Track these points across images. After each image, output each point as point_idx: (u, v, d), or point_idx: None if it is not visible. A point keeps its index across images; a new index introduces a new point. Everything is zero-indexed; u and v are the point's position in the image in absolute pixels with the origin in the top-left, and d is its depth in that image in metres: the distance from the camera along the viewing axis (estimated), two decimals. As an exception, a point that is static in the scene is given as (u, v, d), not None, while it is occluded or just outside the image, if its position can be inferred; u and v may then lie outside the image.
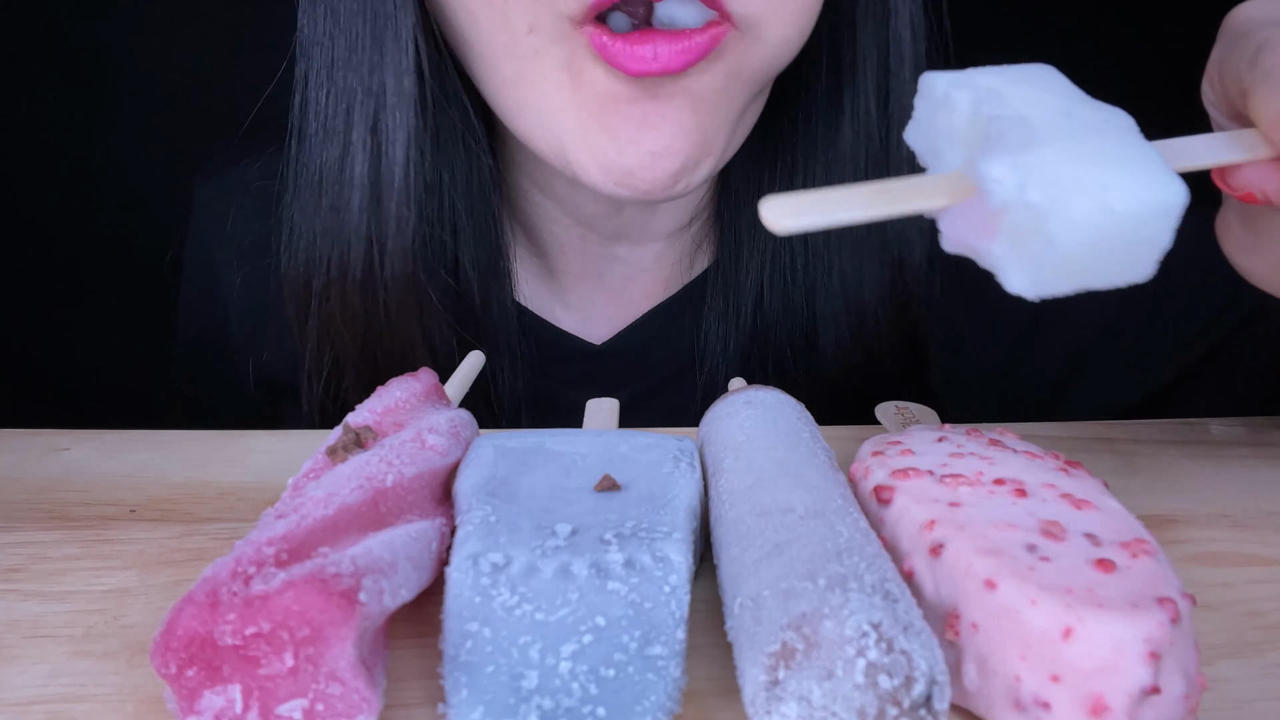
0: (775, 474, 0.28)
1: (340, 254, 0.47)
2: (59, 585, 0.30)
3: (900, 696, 0.20)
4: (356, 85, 0.45)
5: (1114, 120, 0.27)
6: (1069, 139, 0.25)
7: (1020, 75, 0.28)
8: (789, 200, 0.26)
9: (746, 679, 0.21)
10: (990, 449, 0.30)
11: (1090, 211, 0.24)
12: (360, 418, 0.32)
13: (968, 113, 0.27)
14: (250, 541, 0.23)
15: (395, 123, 0.45)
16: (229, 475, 0.37)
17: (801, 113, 0.49)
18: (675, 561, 0.25)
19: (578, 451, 0.31)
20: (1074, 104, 0.27)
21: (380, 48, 0.44)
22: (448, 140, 0.48)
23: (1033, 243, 0.25)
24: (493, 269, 0.51)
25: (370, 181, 0.46)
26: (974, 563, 0.23)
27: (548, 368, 0.54)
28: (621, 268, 0.55)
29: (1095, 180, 0.24)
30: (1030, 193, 0.24)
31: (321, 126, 0.46)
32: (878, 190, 0.26)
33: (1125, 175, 0.25)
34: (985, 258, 0.26)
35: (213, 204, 0.58)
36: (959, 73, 0.28)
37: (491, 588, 0.24)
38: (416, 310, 0.48)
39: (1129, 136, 0.26)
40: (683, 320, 0.54)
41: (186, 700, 0.21)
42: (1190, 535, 0.33)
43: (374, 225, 0.46)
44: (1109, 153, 0.25)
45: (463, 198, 0.49)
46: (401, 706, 0.24)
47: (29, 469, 0.38)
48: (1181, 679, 0.22)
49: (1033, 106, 0.26)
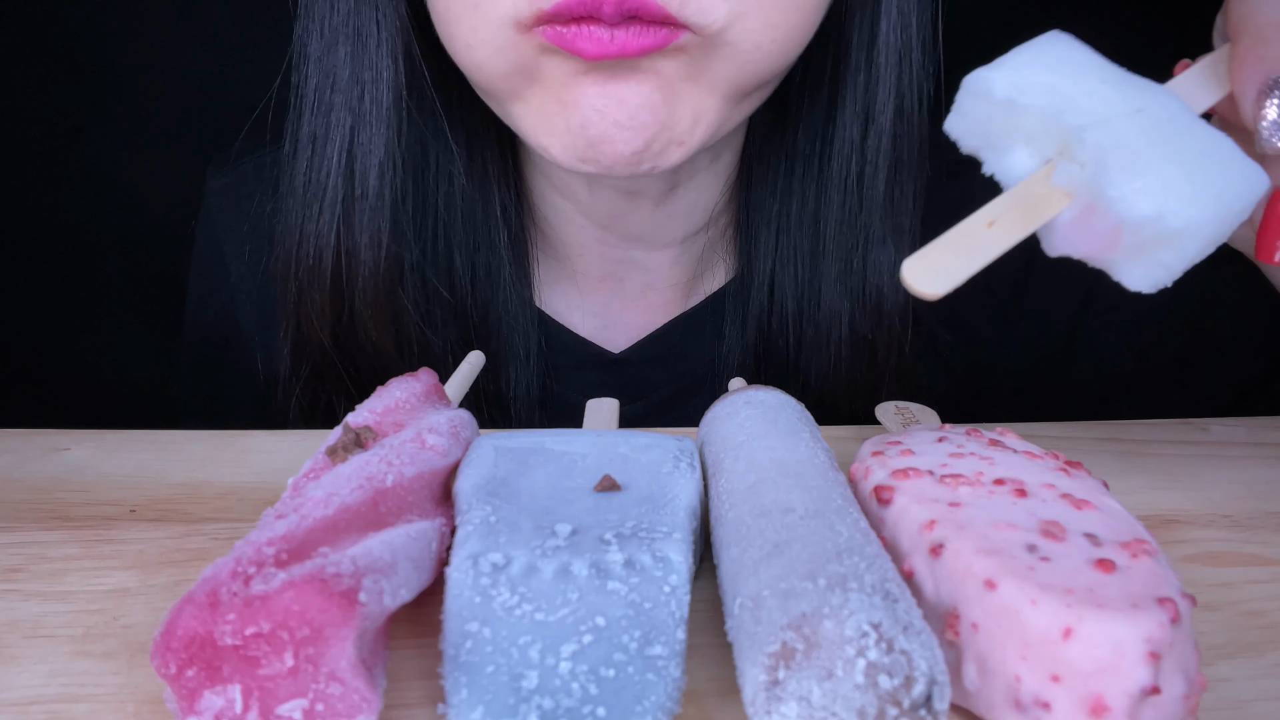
0: (775, 474, 0.28)
1: (313, 260, 0.48)
2: (59, 585, 0.30)
3: (900, 696, 0.20)
4: (336, 98, 0.46)
5: (1170, 105, 0.29)
6: (1170, 144, 0.28)
7: (1058, 61, 0.30)
8: (923, 262, 0.27)
9: (746, 679, 0.21)
10: (990, 449, 0.30)
11: (1212, 219, 0.27)
12: (360, 418, 0.32)
13: (1041, 116, 0.29)
14: (250, 541, 0.23)
15: (369, 136, 0.46)
16: (229, 475, 0.37)
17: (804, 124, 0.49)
18: (675, 561, 0.25)
19: (578, 451, 0.31)
20: (1129, 91, 0.29)
21: (361, 64, 0.46)
22: (426, 151, 0.49)
23: (1160, 252, 0.28)
24: (493, 274, 0.51)
25: (343, 195, 0.47)
26: (974, 563, 0.23)
27: (563, 374, 0.55)
28: (639, 273, 0.55)
29: (1211, 192, 0.27)
30: (1170, 220, 0.27)
31: (308, 135, 0.47)
32: (995, 217, 0.28)
33: (1227, 177, 0.28)
34: (1100, 262, 0.29)
35: (224, 193, 0.58)
36: (1007, 71, 0.29)
37: (491, 588, 0.24)
38: (392, 321, 0.49)
39: (1192, 124, 0.29)
40: (702, 333, 0.54)
41: (186, 700, 0.21)
42: (1190, 535, 0.33)
43: (345, 237, 0.47)
44: (1201, 152, 0.28)
45: (453, 209, 0.50)
46: (401, 706, 0.24)
47: (29, 469, 0.38)
48: (1181, 679, 0.22)
49: (1106, 106, 0.28)
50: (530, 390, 0.53)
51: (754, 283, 0.52)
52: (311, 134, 0.47)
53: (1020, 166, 0.30)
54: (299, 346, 0.50)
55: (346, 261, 0.47)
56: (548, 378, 0.54)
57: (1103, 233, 0.28)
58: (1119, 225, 0.27)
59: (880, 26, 0.46)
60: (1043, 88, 0.29)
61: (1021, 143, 0.30)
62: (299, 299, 0.49)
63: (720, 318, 0.54)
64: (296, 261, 0.48)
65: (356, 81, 0.46)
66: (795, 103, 0.49)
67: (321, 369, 0.50)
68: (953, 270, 0.27)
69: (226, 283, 0.58)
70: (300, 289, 0.49)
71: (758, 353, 0.52)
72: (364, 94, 0.46)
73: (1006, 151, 0.30)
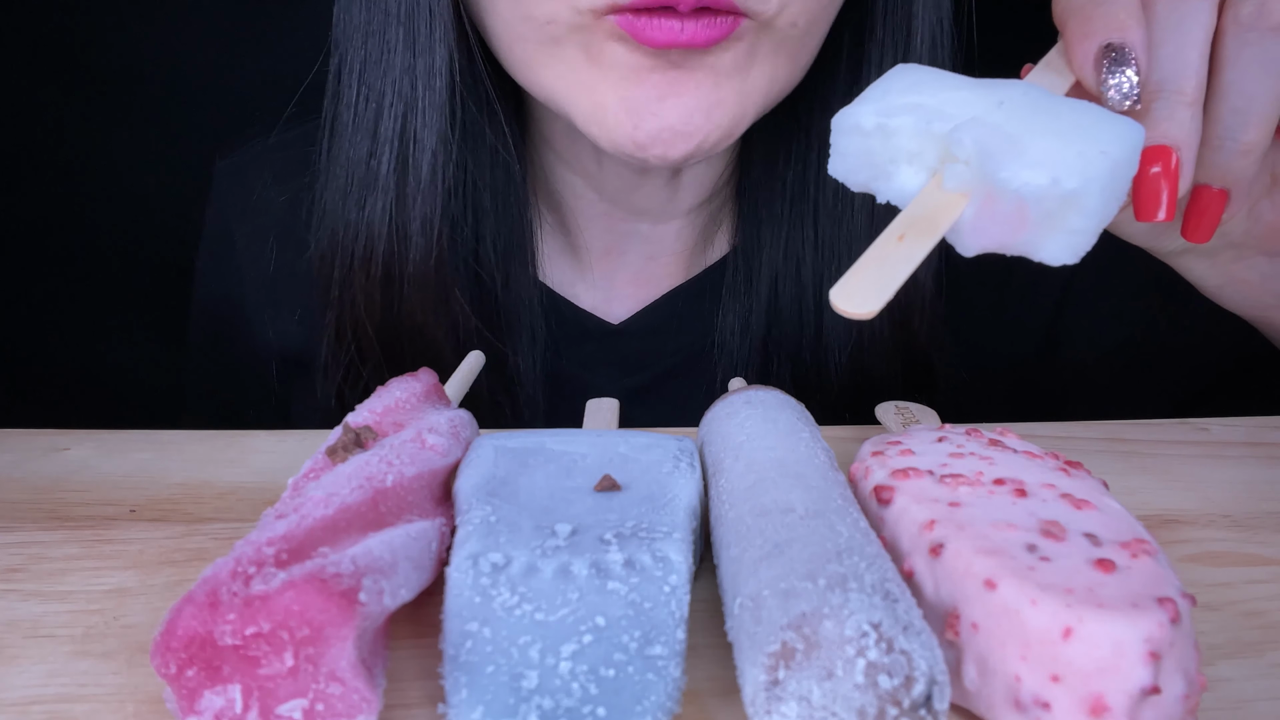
0: (775, 474, 0.28)
1: (364, 247, 0.48)
2: (59, 585, 0.30)
3: (900, 696, 0.20)
4: (387, 86, 0.46)
5: (1030, 91, 0.31)
6: (1039, 121, 0.29)
7: (913, 84, 0.32)
8: (849, 286, 0.27)
9: (746, 679, 0.21)
10: (990, 449, 0.30)
11: (1104, 173, 0.28)
12: (360, 418, 0.32)
13: (913, 133, 0.30)
14: (250, 541, 0.23)
15: (423, 124, 0.46)
16: (229, 475, 0.37)
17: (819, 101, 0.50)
18: (675, 561, 0.25)
19: (578, 451, 0.31)
20: (986, 91, 0.31)
21: (413, 50, 0.45)
22: (474, 134, 0.48)
23: (1067, 219, 0.28)
24: (515, 250, 0.52)
25: (396, 181, 0.46)
26: (974, 563, 0.23)
27: (564, 347, 0.55)
28: (643, 245, 0.55)
29: (1094, 149, 0.28)
30: (1065, 182, 0.27)
31: (352, 121, 0.47)
32: (903, 232, 0.29)
33: (1102, 133, 0.29)
34: (1016, 247, 0.30)
35: (232, 176, 0.58)
36: (870, 103, 0.31)
37: (491, 588, 0.24)
38: (437, 304, 0.49)
39: (1054, 101, 0.31)
40: (701, 304, 0.55)
41: (186, 700, 0.21)
42: (1190, 535, 0.33)
43: (398, 223, 0.47)
44: (1072, 121, 0.29)
45: (488, 187, 0.50)
46: (401, 706, 0.24)
47: (29, 469, 0.38)
48: (1181, 679, 0.22)
49: (968, 107, 0.30)
50: (536, 366, 0.53)
51: (753, 253, 0.52)
52: (357, 120, 0.47)
53: (910, 185, 0.31)
54: (341, 331, 0.50)
55: (400, 248, 0.47)
56: (551, 351, 0.54)
57: (1008, 215, 0.29)
58: (1021, 203, 0.28)
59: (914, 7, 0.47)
60: (906, 107, 0.30)
61: (904, 163, 0.31)
62: (344, 284, 0.49)
63: (720, 288, 0.54)
64: (342, 248, 0.48)
65: (409, 68, 0.45)
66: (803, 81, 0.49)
67: (364, 353, 0.50)
68: (878, 288, 0.28)
69: (234, 263, 0.58)
70: (345, 275, 0.48)
71: (757, 324, 0.53)
72: (417, 81, 0.45)
73: (893, 176, 0.31)
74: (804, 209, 0.51)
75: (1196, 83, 0.33)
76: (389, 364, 0.50)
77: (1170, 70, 0.33)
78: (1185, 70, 0.33)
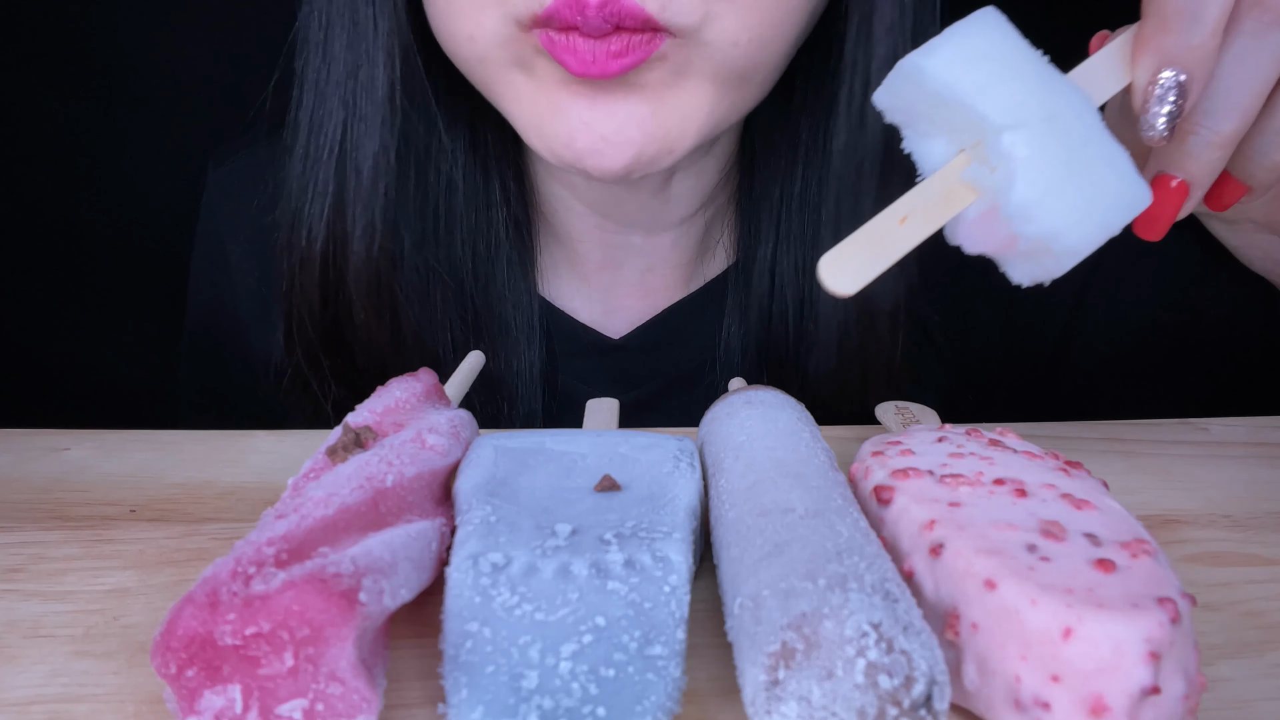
0: (775, 474, 0.28)
1: (305, 248, 0.48)
2: (59, 585, 0.30)
3: (900, 696, 0.20)
4: (333, 90, 0.46)
5: (1083, 115, 0.30)
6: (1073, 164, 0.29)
7: (985, 54, 0.30)
8: (838, 259, 0.28)
9: (746, 679, 0.21)
10: (990, 449, 0.30)
11: (1099, 240, 0.30)
12: (360, 418, 0.32)
13: (963, 110, 0.29)
14: (250, 541, 0.23)
15: (364, 129, 0.46)
16: (229, 475, 0.37)
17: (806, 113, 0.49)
18: (675, 561, 0.25)
19: (578, 451, 0.31)
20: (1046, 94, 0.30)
21: (356, 54, 0.46)
22: (427, 144, 0.49)
23: (1046, 261, 0.30)
24: (495, 258, 0.52)
25: (335, 185, 0.47)
26: (974, 563, 0.23)
27: (563, 361, 0.55)
28: (639, 257, 0.55)
29: (1100, 219, 0.30)
30: (1060, 241, 0.29)
31: (304, 123, 0.48)
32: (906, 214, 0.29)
33: (1118, 203, 0.30)
34: (995, 256, 0.31)
35: (225, 185, 0.59)
36: (939, 57, 0.30)
37: (491, 588, 0.24)
38: (383, 312, 0.49)
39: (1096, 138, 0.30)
40: (702, 319, 0.55)
41: (186, 700, 0.21)
42: (1190, 535, 0.33)
43: (336, 225, 0.48)
44: (1097, 180, 0.30)
45: (454, 196, 0.50)
46: (401, 706, 0.24)
47: (29, 469, 0.38)
48: (1181, 679, 0.22)
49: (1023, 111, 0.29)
50: (532, 378, 0.53)
51: (754, 268, 0.52)
52: (309, 122, 0.47)
53: (937, 154, 0.31)
54: (290, 333, 0.51)
55: (338, 249, 0.48)
56: (548, 365, 0.54)
57: (998, 233, 0.30)
58: (1013, 235, 0.30)
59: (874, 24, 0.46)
60: (968, 85, 0.30)
61: (942, 132, 0.31)
62: (290, 284, 0.49)
63: (721, 303, 0.54)
64: (290, 245, 0.49)
65: (351, 74, 0.46)
66: (800, 91, 0.49)
67: (311, 357, 0.50)
68: (866, 267, 0.28)
69: (227, 272, 0.58)
70: (292, 273, 0.49)
71: (758, 339, 0.53)
72: (358, 87, 0.46)
73: (927, 136, 0.31)
74: (805, 223, 0.50)
75: (1239, 126, 0.32)
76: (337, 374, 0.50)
77: (1218, 106, 0.32)
78: (1232, 112, 0.32)
